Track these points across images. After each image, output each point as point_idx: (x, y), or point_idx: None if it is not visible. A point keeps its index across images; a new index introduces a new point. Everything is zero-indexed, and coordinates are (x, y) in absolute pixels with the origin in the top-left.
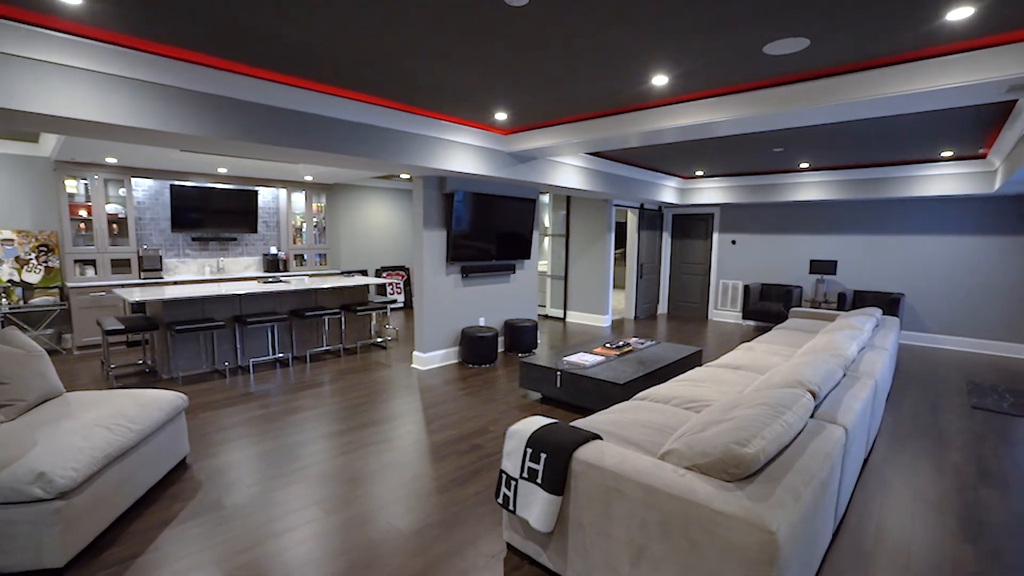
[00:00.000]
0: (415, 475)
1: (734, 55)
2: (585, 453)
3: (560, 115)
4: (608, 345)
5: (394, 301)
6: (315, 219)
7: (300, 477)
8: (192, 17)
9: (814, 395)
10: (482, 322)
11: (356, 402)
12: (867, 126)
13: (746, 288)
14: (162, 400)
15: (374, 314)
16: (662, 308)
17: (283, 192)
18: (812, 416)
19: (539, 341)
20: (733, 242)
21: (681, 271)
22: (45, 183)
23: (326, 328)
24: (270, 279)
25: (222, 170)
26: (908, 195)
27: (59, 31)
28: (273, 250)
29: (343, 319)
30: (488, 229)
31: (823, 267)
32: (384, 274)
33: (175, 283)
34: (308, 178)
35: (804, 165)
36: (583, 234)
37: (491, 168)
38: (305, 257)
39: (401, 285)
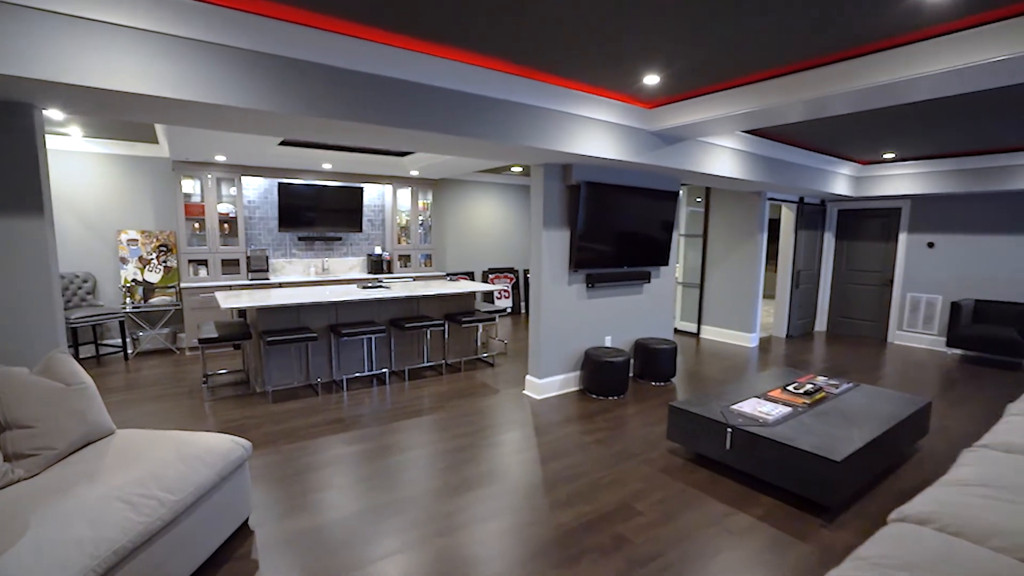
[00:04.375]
0: None
1: None
2: None
3: (733, 75)
4: (792, 389)
5: (503, 310)
6: (420, 217)
7: (386, 572)
8: None
9: None
10: (608, 342)
11: (460, 444)
12: None
13: (953, 306)
14: (213, 453)
15: (480, 325)
16: (819, 324)
17: (388, 189)
18: None
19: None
20: (930, 244)
21: (847, 280)
22: (165, 184)
23: (427, 340)
24: (371, 283)
25: (327, 166)
26: None
27: None
28: (377, 250)
29: (446, 330)
30: (619, 229)
31: None
32: (491, 277)
33: (279, 285)
34: (414, 173)
35: None
36: (726, 234)
37: (629, 152)
38: (410, 258)
39: (509, 289)
